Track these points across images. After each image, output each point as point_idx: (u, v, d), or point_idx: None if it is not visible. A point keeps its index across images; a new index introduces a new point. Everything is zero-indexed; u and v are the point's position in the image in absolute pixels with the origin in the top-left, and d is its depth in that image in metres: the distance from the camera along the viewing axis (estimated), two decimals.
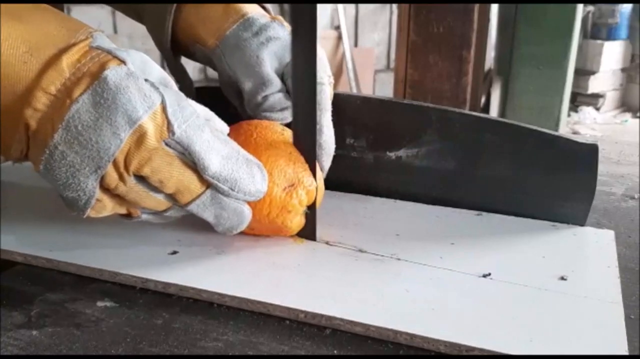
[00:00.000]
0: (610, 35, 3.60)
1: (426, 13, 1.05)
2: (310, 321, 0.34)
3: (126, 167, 0.33)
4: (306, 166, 0.41)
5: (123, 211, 0.37)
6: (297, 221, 0.41)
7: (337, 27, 2.64)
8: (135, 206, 0.36)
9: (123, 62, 0.34)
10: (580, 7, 1.92)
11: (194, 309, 0.36)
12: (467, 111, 0.50)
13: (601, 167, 0.45)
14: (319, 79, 0.44)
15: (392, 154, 0.50)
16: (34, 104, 0.32)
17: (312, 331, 0.34)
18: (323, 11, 2.61)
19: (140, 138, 0.33)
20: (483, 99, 1.93)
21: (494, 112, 2.00)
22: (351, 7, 2.75)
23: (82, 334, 0.33)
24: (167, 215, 0.38)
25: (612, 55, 3.64)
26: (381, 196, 0.51)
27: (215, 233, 0.39)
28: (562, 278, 0.38)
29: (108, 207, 0.35)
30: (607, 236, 0.44)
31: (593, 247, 0.43)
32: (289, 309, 0.34)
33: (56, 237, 0.43)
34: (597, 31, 3.61)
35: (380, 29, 2.87)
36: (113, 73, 0.33)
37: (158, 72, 0.36)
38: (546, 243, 0.43)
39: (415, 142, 0.49)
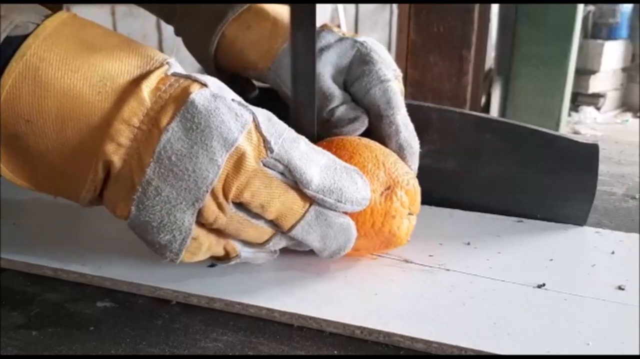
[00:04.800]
0: (611, 35, 3.60)
1: (426, 13, 1.05)
2: (367, 337, 0.33)
3: (225, 195, 0.31)
4: (397, 164, 0.38)
5: (220, 250, 0.34)
6: (404, 227, 0.38)
7: (337, 27, 2.64)
8: (235, 238, 0.34)
9: (204, 85, 0.32)
10: (580, 7, 1.92)
11: (194, 309, 0.36)
12: (467, 111, 0.50)
13: (602, 167, 0.45)
14: (382, 77, 0.42)
15: None
16: (116, 138, 0.30)
17: (312, 332, 0.34)
18: (323, 11, 2.61)
19: (238, 161, 0.31)
20: (483, 99, 1.92)
21: (494, 112, 2.00)
22: (351, 6, 2.75)
23: (82, 334, 0.33)
24: (269, 247, 0.35)
25: (612, 55, 3.63)
26: None
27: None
28: (620, 288, 0.36)
29: (205, 245, 0.33)
30: None
31: None
32: (344, 325, 0.33)
33: (87, 250, 0.41)
34: (598, 31, 3.61)
35: (380, 28, 2.87)
36: (199, 96, 0.31)
37: (234, 97, 0.33)
38: (594, 250, 0.42)
39: None
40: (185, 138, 0.30)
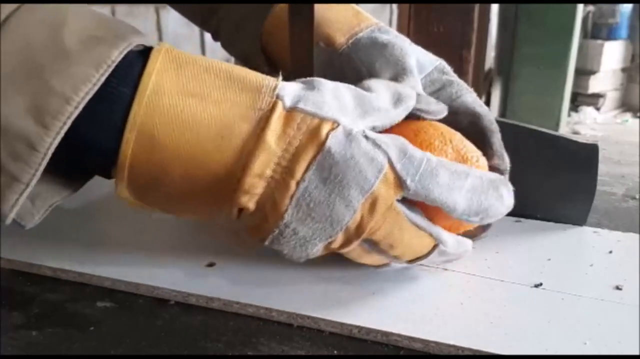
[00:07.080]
0: (611, 35, 3.60)
1: (426, 13, 1.05)
2: (365, 336, 0.33)
3: (357, 234, 0.32)
4: (465, 142, 0.36)
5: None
6: None
7: None
8: (353, 260, 0.35)
9: (335, 122, 0.31)
10: (580, 7, 1.92)
11: (194, 309, 0.36)
12: None
13: (602, 168, 0.45)
14: (469, 88, 0.42)
15: None
16: (250, 191, 0.31)
17: (312, 332, 0.34)
18: None
19: (373, 204, 0.31)
20: (483, 99, 1.93)
21: (494, 112, 2.00)
22: None
23: (82, 334, 0.33)
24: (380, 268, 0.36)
25: (612, 55, 3.64)
26: None
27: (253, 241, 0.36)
28: (617, 287, 0.37)
29: (318, 254, 0.34)
30: None
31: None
32: (342, 324, 0.33)
33: (86, 250, 0.41)
34: (598, 31, 3.61)
35: None
36: (334, 142, 0.30)
37: (347, 92, 0.33)
38: (592, 250, 0.42)
39: None
40: (322, 186, 0.30)
